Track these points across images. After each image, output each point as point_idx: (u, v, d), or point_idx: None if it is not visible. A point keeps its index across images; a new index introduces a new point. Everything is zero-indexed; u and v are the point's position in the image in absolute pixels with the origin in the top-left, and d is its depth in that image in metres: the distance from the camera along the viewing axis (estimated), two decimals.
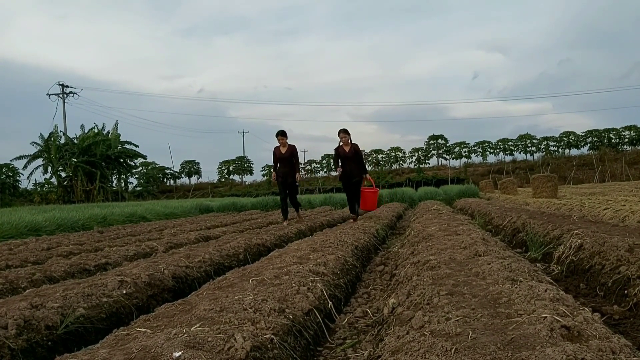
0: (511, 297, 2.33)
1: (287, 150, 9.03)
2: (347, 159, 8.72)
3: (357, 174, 8.88)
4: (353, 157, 8.73)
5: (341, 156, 8.77)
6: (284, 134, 9.00)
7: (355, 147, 8.75)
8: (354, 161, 8.78)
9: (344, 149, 8.72)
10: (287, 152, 9.01)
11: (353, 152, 8.71)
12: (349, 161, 8.72)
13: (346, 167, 8.75)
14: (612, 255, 3.55)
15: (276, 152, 9.06)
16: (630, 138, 54.79)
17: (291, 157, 9.11)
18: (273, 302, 2.67)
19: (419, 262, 3.68)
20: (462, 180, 38.55)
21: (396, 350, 1.92)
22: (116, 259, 5.15)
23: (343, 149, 8.73)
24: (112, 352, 1.94)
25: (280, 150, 9.02)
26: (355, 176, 8.87)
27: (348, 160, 8.72)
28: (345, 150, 8.70)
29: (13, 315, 2.57)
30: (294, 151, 9.16)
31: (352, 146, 8.73)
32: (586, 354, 1.55)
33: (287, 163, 9.04)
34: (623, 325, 2.65)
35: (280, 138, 8.98)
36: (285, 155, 9.00)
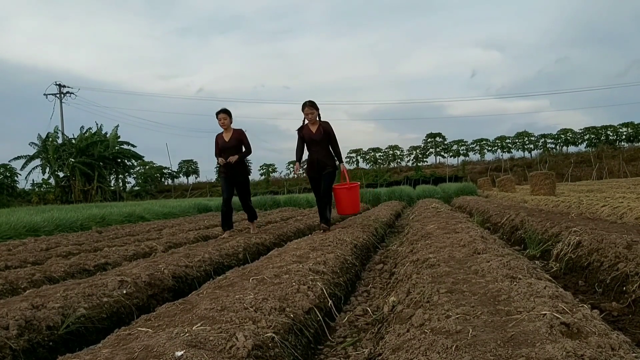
0: (510, 295, 2.34)
1: (232, 136, 6.82)
2: (314, 143, 6.65)
3: (329, 164, 6.72)
4: (323, 141, 6.65)
5: (306, 140, 6.69)
6: (225, 113, 6.79)
7: (326, 127, 6.65)
8: (325, 146, 6.70)
9: (309, 130, 6.64)
10: (233, 140, 6.81)
11: (323, 134, 6.60)
12: (317, 146, 6.66)
13: (313, 154, 6.71)
14: (610, 252, 3.56)
15: (218, 140, 6.92)
16: (627, 135, 54.88)
17: (238, 145, 6.89)
18: (273, 301, 2.68)
19: (418, 260, 3.69)
20: (460, 178, 38.59)
21: (397, 348, 1.93)
22: (116, 259, 5.15)
23: (308, 129, 6.65)
24: (114, 352, 1.95)
25: (223, 137, 6.86)
26: (325, 167, 6.69)
27: (315, 144, 6.65)
28: (311, 131, 6.63)
29: (14, 315, 2.58)
30: (242, 137, 6.91)
31: (320, 125, 6.64)
32: (585, 351, 1.56)
33: (232, 153, 6.80)
34: (622, 322, 2.66)
35: (223, 118, 6.75)
36: (230, 144, 6.80)
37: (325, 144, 6.70)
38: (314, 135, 6.63)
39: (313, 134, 6.63)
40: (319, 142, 6.64)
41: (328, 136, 6.68)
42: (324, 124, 6.68)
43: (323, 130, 6.63)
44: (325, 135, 6.64)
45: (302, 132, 6.72)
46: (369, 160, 62.57)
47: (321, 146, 6.66)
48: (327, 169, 6.68)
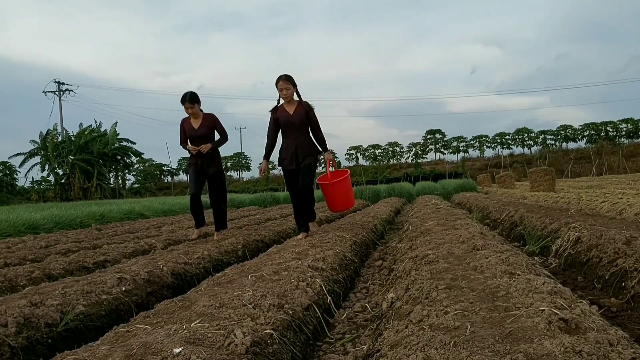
0: (509, 291, 2.34)
1: (202, 123, 5.95)
2: (291, 127, 5.50)
3: (311, 154, 5.58)
4: (302, 125, 5.50)
5: (281, 123, 5.53)
6: (193, 98, 5.82)
7: (307, 108, 5.51)
8: (304, 132, 5.56)
9: (285, 111, 5.50)
10: (204, 127, 5.94)
11: (302, 117, 5.47)
12: (296, 132, 5.51)
13: (290, 141, 5.54)
14: (609, 248, 3.57)
15: (185, 127, 5.98)
16: (627, 131, 54.91)
17: (210, 134, 6.00)
18: (272, 297, 2.68)
19: (417, 257, 3.69)
20: (459, 174, 38.57)
21: (395, 344, 1.93)
22: (115, 256, 5.15)
23: (284, 110, 5.51)
24: (113, 349, 1.95)
25: (191, 124, 5.94)
26: (306, 157, 5.54)
27: (293, 129, 5.50)
28: (287, 112, 5.48)
29: (13, 313, 2.58)
30: (215, 124, 6.03)
31: (299, 106, 5.52)
32: (584, 346, 1.56)
33: (203, 142, 5.91)
34: (620, 318, 2.66)
35: (188, 106, 5.82)
36: (200, 132, 5.92)
37: (305, 128, 5.54)
38: (292, 117, 5.45)
39: (290, 116, 5.44)
40: (298, 126, 5.48)
41: (309, 119, 5.50)
42: (304, 106, 5.49)
43: (305, 112, 5.47)
44: (305, 118, 5.46)
45: (276, 114, 5.49)
46: (369, 157, 62.61)
47: (300, 131, 5.51)
48: (307, 159, 5.51)
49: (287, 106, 5.52)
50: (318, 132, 5.62)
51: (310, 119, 5.53)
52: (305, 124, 5.53)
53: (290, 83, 5.42)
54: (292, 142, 5.52)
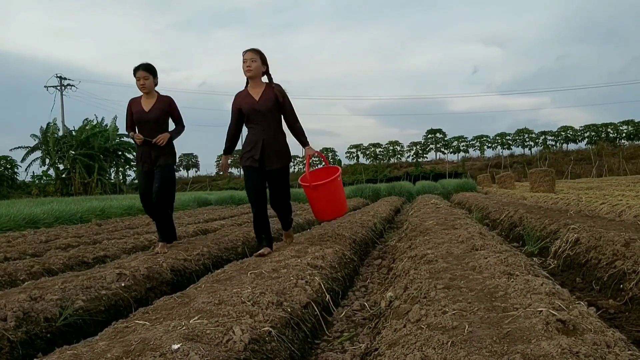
0: (507, 291, 2.34)
1: (155, 105, 4.78)
2: (257, 116, 4.34)
3: (280, 152, 4.46)
4: (272, 113, 4.36)
5: (245, 111, 4.37)
6: (149, 67, 4.73)
7: (277, 92, 4.37)
8: (275, 122, 4.41)
9: (250, 97, 4.36)
10: (156, 109, 4.77)
11: (270, 103, 4.33)
12: (264, 122, 4.35)
13: (256, 135, 4.37)
14: (608, 249, 3.57)
15: (133, 109, 4.82)
16: (627, 133, 54.89)
17: (163, 119, 4.85)
18: (271, 295, 2.68)
19: (416, 256, 3.70)
20: (460, 174, 38.58)
21: (393, 343, 1.93)
22: (115, 252, 5.16)
23: (249, 96, 4.37)
24: (111, 344, 1.96)
25: (142, 106, 4.78)
26: (274, 157, 4.41)
27: (260, 119, 4.35)
28: (252, 98, 4.35)
29: (12, 307, 2.58)
30: (171, 108, 4.89)
31: (268, 89, 4.38)
32: (581, 348, 1.57)
33: (154, 129, 4.76)
34: (618, 319, 2.67)
35: (142, 75, 4.67)
36: (151, 116, 4.75)
37: (274, 118, 4.36)
38: (258, 103, 4.29)
39: (256, 102, 4.29)
40: (265, 116, 4.30)
41: (281, 106, 4.38)
42: (276, 89, 4.36)
43: (275, 97, 4.32)
44: (274, 105, 4.32)
45: (238, 100, 4.39)
46: (369, 155, 62.59)
47: (268, 122, 4.32)
48: (277, 160, 4.40)
49: (252, 89, 4.36)
50: (294, 122, 4.49)
51: (283, 106, 4.38)
52: (274, 112, 4.36)
53: (258, 56, 4.31)
54: (257, 136, 4.33)
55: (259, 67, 4.34)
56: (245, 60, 4.28)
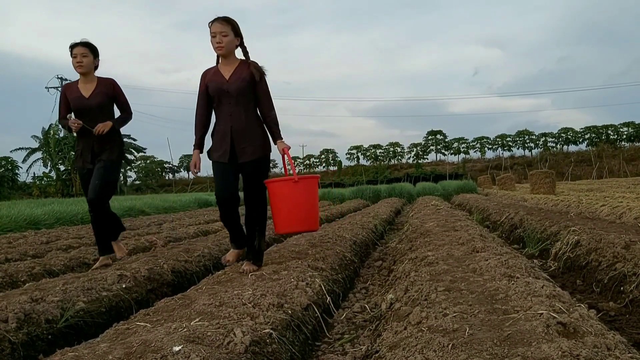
0: (508, 294, 2.35)
1: (95, 89, 4.12)
2: (226, 99, 3.65)
3: (254, 140, 3.70)
4: (244, 96, 3.65)
5: (212, 92, 3.68)
6: (88, 43, 4.08)
7: (254, 71, 3.65)
8: (248, 107, 3.69)
9: (219, 75, 3.67)
10: (98, 95, 4.12)
11: (243, 83, 3.63)
12: (231, 106, 3.65)
13: (225, 123, 3.68)
14: (608, 252, 3.57)
15: (69, 95, 4.13)
16: (628, 134, 54.92)
17: (105, 106, 4.17)
18: (272, 297, 2.69)
19: (416, 258, 3.70)
20: (460, 175, 38.60)
21: (394, 346, 1.94)
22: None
23: (218, 74, 3.68)
24: (113, 346, 1.96)
25: (79, 91, 4.11)
26: (246, 148, 3.68)
27: (228, 103, 3.66)
28: (222, 77, 3.66)
29: (13, 308, 2.59)
30: (115, 92, 4.23)
31: (241, 67, 3.68)
32: (581, 351, 1.57)
33: (97, 118, 4.10)
34: (619, 322, 2.67)
35: (79, 52, 4.01)
36: (91, 103, 4.09)
37: (247, 102, 3.65)
38: (228, 82, 3.60)
39: (226, 82, 3.60)
40: (237, 98, 3.60)
41: (255, 88, 3.66)
42: (252, 67, 3.64)
43: (247, 74, 3.62)
44: (248, 86, 3.61)
45: (206, 79, 3.70)
46: (370, 156, 62.63)
47: (239, 106, 3.63)
48: (250, 151, 3.66)
49: (223, 66, 3.66)
50: (268, 109, 3.71)
51: (259, 87, 3.65)
52: (248, 94, 3.62)
53: (230, 27, 3.56)
54: (226, 124, 3.65)
55: (232, 41, 3.58)
56: (214, 34, 3.53)
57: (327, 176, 51.74)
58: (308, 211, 3.75)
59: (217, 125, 3.76)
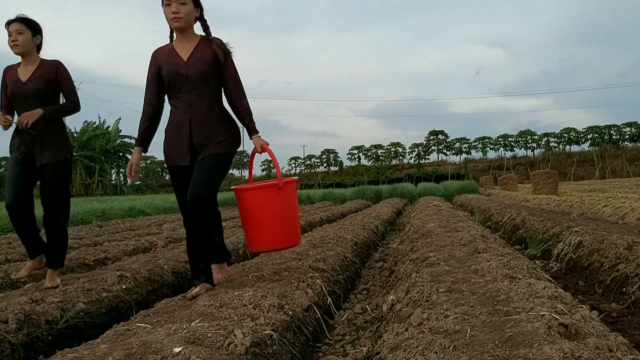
0: (510, 295, 2.34)
1: (34, 73, 3.43)
2: (184, 85, 2.98)
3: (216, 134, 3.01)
4: (203, 81, 2.98)
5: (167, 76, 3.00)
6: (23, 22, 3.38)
7: (218, 49, 3.00)
8: (208, 94, 3.01)
9: (175, 56, 3.01)
10: (37, 79, 3.40)
11: (206, 66, 2.97)
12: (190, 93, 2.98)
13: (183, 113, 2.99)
14: (611, 252, 3.56)
15: (7, 79, 3.46)
16: (631, 135, 54.86)
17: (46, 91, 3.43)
18: (272, 298, 2.68)
19: (418, 259, 3.69)
20: (462, 176, 38.61)
21: (395, 347, 1.93)
22: (115, 254, 5.16)
23: (174, 54, 3.01)
24: (113, 347, 1.95)
25: (18, 75, 3.43)
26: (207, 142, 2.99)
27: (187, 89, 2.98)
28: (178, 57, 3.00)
29: (13, 309, 2.58)
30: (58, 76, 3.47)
31: (202, 45, 3.03)
32: (583, 352, 1.56)
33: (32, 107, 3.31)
34: (621, 323, 2.66)
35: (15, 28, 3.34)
36: (29, 88, 3.38)
37: (211, 87, 3.01)
38: (186, 65, 2.96)
39: (184, 64, 2.96)
40: (197, 84, 2.96)
41: (220, 70, 3.02)
42: (216, 42, 3.02)
43: (209, 54, 2.98)
44: (211, 68, 2.98)
45: (157, 61, 3.03)
46: (371, 157, 62.64)
47: (200, 93, 2.98)
48: (211, 146, 2.98)
49: (180, 44, 3.02)
50: (238, 97, 3.05)
51: (224, 69, 3.01)
52: (211, 79, 2.99)
53: None
54: (183, 115, 2.96)
55: (191, 12, 2.94)
56: (169, 1, 2.88)
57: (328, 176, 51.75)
58: (290, 223, 3.15)
59: (171, 119, 3.04)
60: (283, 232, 3.11)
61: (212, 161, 2.97)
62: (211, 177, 2.95)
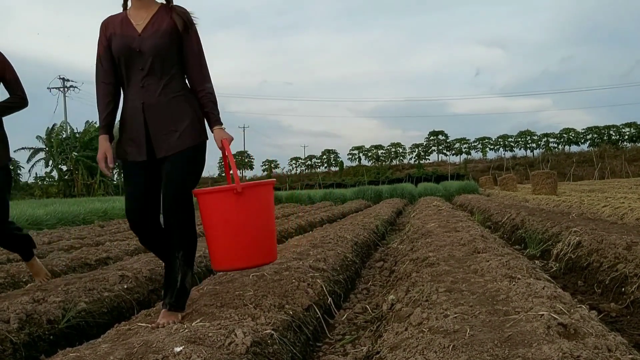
0: (509, 295, 2.35)
1: None
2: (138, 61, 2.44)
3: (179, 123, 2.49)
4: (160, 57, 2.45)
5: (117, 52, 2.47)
6: None
7: (178, 19, 2.48)
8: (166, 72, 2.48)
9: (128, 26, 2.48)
10: None
11: (163, 39, 2.44)
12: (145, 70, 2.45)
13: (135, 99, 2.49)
14: (610, 252, 3.57)
15: None
16: (630, 135, 54.85)
17: None
18: (273, 297, 2.69)
19: (418, 259, 3.70)
20: (462, 176, 38.60)
21: (395, 347, 1.94)
22: (117, 254, 5.17)
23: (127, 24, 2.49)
24: (114, 347, 1.96)
25: None
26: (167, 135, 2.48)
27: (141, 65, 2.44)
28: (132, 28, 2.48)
29: (15, 309, 2.59)
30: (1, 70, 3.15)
31: (161, 13, 2.51)
32: (582, 352, 1.57)
33: None
34: (620, 323, 2.67)
35: None
36: None
37: (170, 65, 2.52)
38: (140, 39, 2.47)
39: (137, 36, 2.48)
40: (153, 60, 2.47)
41: (181, 44, 2.54)
42: (176, 12, 2.54)
43: (169, 25, 2.51)
44: (172, 41, 2.50)
45: (107, 32, 2.53)
46: (371, 157, 62.64)
47: (160, 75, 2.50)
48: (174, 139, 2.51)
49: (135, 14, 2.53)
50: (200, 78, 2.57)
51: (186, 45, 2.53)
52: (170, 56, 2.50)
53: None
54: (137, 100, 2.50)
55: None
56: None
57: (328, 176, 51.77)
58: (258, 237, 2.58)
59: (125, 104, 2.57)
60: (246, 247, 2.55)
61: (179, 161, 2.49)
62: (182, 174, 2.49)
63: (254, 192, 2.57)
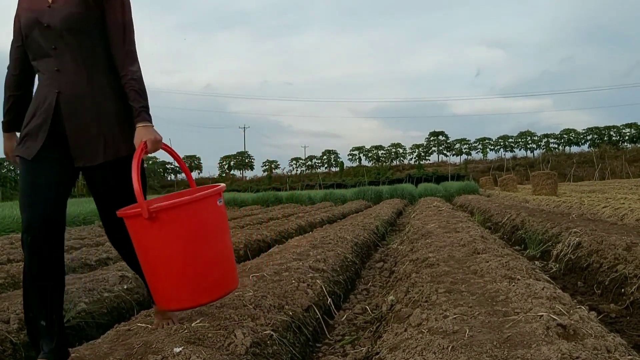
0: (508, 295, 2.35)
1: None
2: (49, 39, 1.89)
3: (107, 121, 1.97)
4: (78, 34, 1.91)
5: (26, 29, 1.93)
6: None
7: None
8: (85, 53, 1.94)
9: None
10: None
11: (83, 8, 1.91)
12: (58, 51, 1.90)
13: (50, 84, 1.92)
14: (609, 253, 3.57)
15: None
16: (630, 135, 54.85)
17: None
18: (273, 298, 2.69)
19: (417, 260, 3.70)
20: (462, 176, 38.62)
21: (394, 347, 1.94)
22: (117, 254, 5.17)
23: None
24: (114, 347, 1.97)
25: None
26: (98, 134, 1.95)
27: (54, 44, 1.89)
28: None
29: (15, 309, 2.60)
30: None
31: None
32: (581, 353, 1.57)
33: None
34: (619, 324, 2.67)
35: None
36: None
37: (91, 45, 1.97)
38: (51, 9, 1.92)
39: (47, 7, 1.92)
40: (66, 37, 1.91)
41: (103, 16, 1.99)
42: None
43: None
44: (88, 14, 1.94)
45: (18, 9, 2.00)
46: (372, 157, 62.65)
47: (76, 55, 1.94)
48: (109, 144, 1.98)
49: None
50: (124, 59, 2.04)
51: (109, 17, 2.02)
52: (87, 31, 1.98)
53: None
54: (50, 86, 1.96)
55: None
56: None
57: (329, 177, 51.77)
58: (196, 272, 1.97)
59: (36, 92, 2.04)
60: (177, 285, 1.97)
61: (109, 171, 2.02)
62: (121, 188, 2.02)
63: (176, 215, 1.87)
